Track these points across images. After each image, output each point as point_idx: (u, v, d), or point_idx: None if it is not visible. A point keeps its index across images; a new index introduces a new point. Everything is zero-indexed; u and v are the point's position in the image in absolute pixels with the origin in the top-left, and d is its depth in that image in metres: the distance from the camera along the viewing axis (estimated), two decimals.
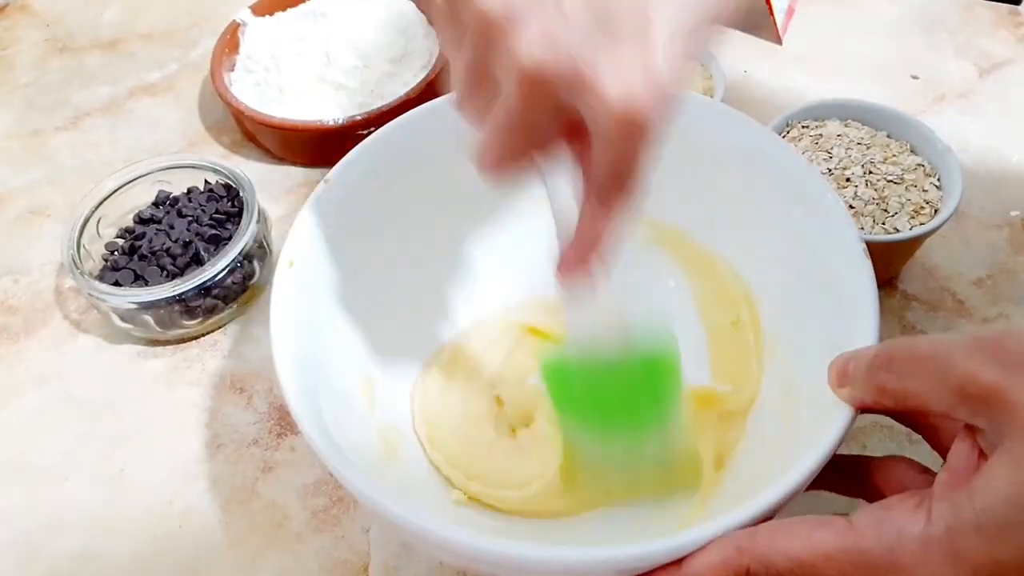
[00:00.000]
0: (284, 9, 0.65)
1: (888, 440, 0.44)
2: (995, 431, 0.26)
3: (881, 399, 0.30)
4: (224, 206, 0.53)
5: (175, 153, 0.61)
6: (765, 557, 0.28)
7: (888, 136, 0.51)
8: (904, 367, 0.29)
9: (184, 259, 0.50)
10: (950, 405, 0.27)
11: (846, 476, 0.34)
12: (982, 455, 0.27)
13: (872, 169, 0.49)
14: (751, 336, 0.43)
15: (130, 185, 0.53)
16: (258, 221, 0.51)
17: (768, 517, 0.30)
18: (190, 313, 0.50)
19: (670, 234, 0.47)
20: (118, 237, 0.53)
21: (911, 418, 0.32)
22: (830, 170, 0.49)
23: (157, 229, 0.52)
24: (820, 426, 0.32)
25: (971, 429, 0.27)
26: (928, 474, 0.32)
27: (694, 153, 0.43)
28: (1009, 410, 0.25)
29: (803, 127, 0.52)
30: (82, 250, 0.51)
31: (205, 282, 0.49)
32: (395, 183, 0.43)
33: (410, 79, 0.60)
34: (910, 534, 0.26)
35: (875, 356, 0.30)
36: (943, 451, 0.31)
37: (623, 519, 0.40)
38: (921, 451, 0.32)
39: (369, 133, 0.43)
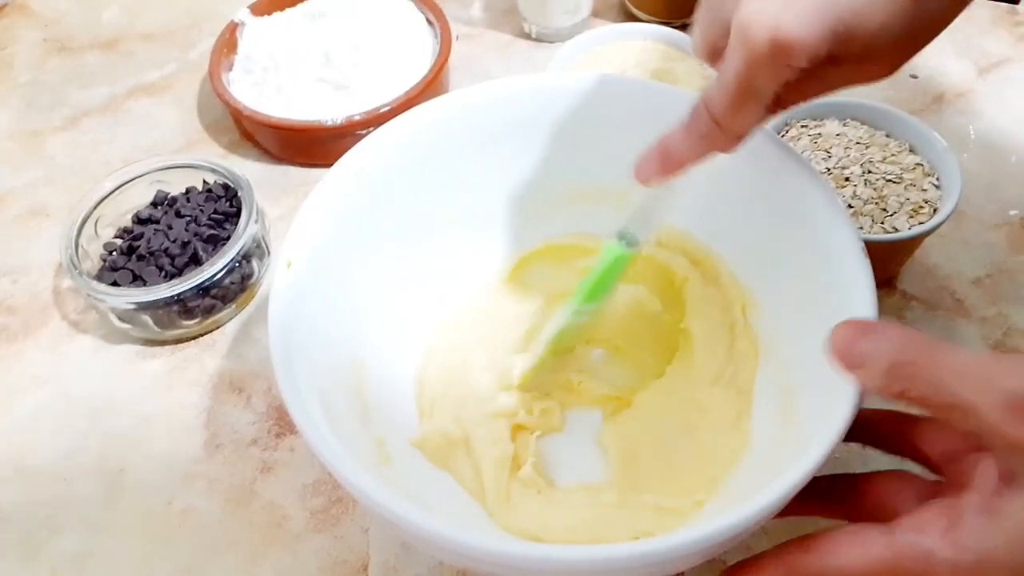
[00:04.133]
0: (283, 9, 0.65)
1: None
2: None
3: (901, 395, 0.29)
4: (222, 206, 0.53)
5: (173, 153, 0.61)
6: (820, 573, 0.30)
7: (887, 135, 0.51)
8: (938, 376, 0.28)
9: (182, 259, 0.50)
10: (998, 419, 0.27)
11: (833, 499, 0.34)
12: (1003, 479, 0.28)
13: (871, 168, 0.49)
14: (746, 336, 0.44)
15: (128, 185, 0.53)
16: (256, 221, 0.51)
17: (768, 516, 0.30)
18: (189, 313, 0.50)
19: (671, 234, 0.47)
20: (116, 237, 0.53)
21: (898, 440, 0.34)
22: (829, 169, 0.49)
23: (155, 229, 0.52)
24: (819, 425, 0.32)
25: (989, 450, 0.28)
26: (926, 487, 0.32)
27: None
28: None
29: (802, 126, 0.52)
30: (80, 250, 0.51)
31: (203, 282, 0.48)
32: (394, 183, 0.43)
33: (409, 79, 0.60)
34: (942, 560, 0.28)
35: (900, 351, 0.29)
36: (932, 467, 0.33)
37: (621, 520, 0.40)
38: None
39: (368, 133, 0.43)
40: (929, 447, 0.33)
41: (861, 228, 0.47)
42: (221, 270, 0.49)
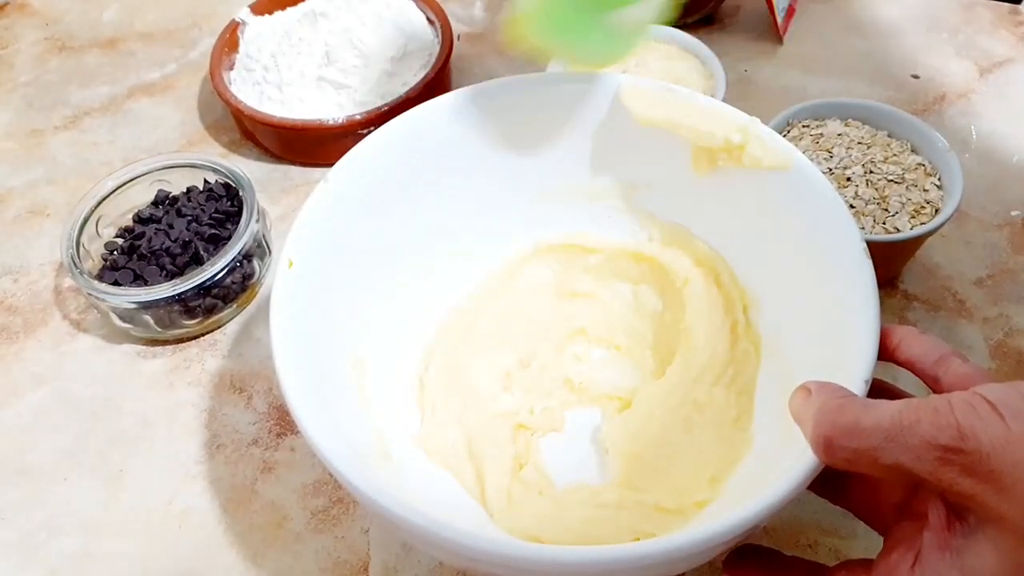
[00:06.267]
0: (284, 8, 0.65)
1: None
2: (972, 509, 0.28)
3: (848, 467, 0.30)
4: (223, 205, 0.53)
5: (174, 152, 0.61)
6: None
7: (889, 135, 0.51)
8: (864, 444, 0.28)
9: (183, 259, 0.50)
10: (931, 472, 0.27)
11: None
12: (953, 514, 0.28)
13: (873, 169, 0.49)
14: (747, 336, 0.43)
15: (129, 184, 0.53)
16: (257, 220, 0.51)
17: (769, 517, 0.30)
18: (190, 313, 0.50)
19: (673, 234, 0.47)
20: (117, 236, 0.53)
21: (849, 499, 0.35)
22: (831, 169, 0.49)
23: (156, 228, 0.52)
24: None
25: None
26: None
27: None
28: (984, 508, 0.27)
29: (804, 126, 0.52)
30: (81, 250, 0.51)
31: (204, 282, 0.48)
32: (395, 182, 0.43)
33: (410, 78, 0.60)
34: None
35: (824, 426, 0.29)
36: (879, 528, 0.33)
37: (622, 521, 0.40)
38: None
39: (369, 132, 0.43)
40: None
41: (863, 228, 0.47)
42: (222, 269, 0.49)
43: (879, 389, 0.34)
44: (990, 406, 0.26)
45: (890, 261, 0.49)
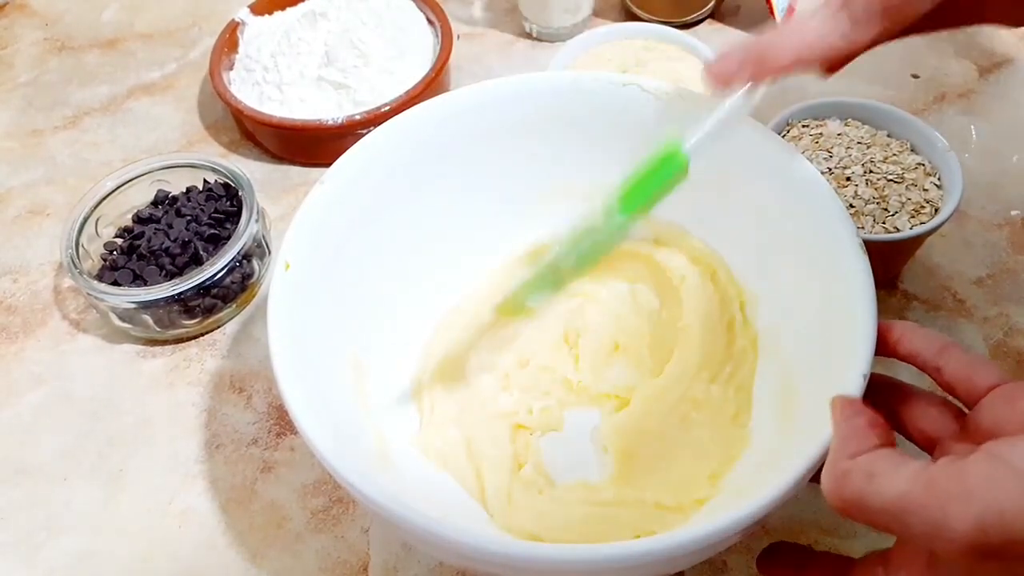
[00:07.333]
0: (283, 8, 0.65)
1: None
2: None
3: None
4: (223, 205, 0.53)
5: (174, 152, 0.61)
6: None
7: (888, 135, 0.51)
8: (884, 512, 0.26)
9: (183, 258, 0.50)
10: (958, 556, 0.25)
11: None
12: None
13: (872, 168, 0.49)
14: (744, 334, 0.43)
15: (129, 184, 0.53)
16: (257, 220, 0.51)
17: (768, 514, 0.30)
18: (189, 312, 0.50)
19: (669, 232, 0.47)
20: (117, 236, 0.53)
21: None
22: (830, 169, 0.49)
23: (156, 228, 0.52)
24: (819, 422, 0.31)
25: None
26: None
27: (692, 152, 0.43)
28: None
29: (803, 126, 0.52)
30: (81, 250, 0.51)
31: (204, 281, 0.48)
32: (392, 183, 0.43)
33: (410, 78, 0.60)
34: None
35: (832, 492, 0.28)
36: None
37: (622, 519, 0.40)
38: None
39: (368, 132, 0.43)
40: (914, 426, 0.33)
41: (862, 228, 0.47)
42: (222, 269, 0.49)
43: (878, 384, 0.34)
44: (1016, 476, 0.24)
45: (890, 261, 0.49)
